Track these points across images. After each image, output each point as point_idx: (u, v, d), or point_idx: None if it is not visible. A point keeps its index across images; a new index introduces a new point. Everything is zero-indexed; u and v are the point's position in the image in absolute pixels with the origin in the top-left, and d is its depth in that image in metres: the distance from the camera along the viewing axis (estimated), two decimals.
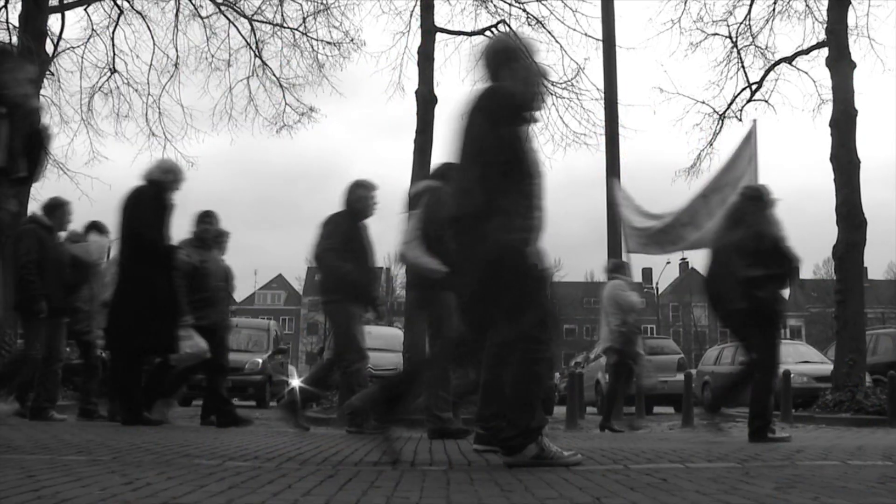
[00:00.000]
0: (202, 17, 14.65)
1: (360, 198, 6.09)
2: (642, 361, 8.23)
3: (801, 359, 14.65)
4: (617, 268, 8.22)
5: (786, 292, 5.50)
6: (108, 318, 6.17)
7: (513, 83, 3.48)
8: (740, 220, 5.31)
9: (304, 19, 14.49)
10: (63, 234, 6.88)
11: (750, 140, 8.85)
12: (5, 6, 13.21)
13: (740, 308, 5.07)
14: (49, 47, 12.93)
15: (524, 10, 13.82)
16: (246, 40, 14.84)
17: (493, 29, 13.92)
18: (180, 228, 6.41)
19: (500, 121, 3.37)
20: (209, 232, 6.61)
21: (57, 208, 6.61)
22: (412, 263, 5.30)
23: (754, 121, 9.10)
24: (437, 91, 12.35)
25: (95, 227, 7.26)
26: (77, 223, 7.25)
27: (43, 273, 6.16)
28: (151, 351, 6.13)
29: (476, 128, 3.43)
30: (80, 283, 6.89)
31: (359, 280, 5.89)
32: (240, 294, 72.40)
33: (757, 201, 5.39)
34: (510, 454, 3.24)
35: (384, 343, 14.23)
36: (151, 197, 5.87)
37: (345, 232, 5.93)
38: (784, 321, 5.48)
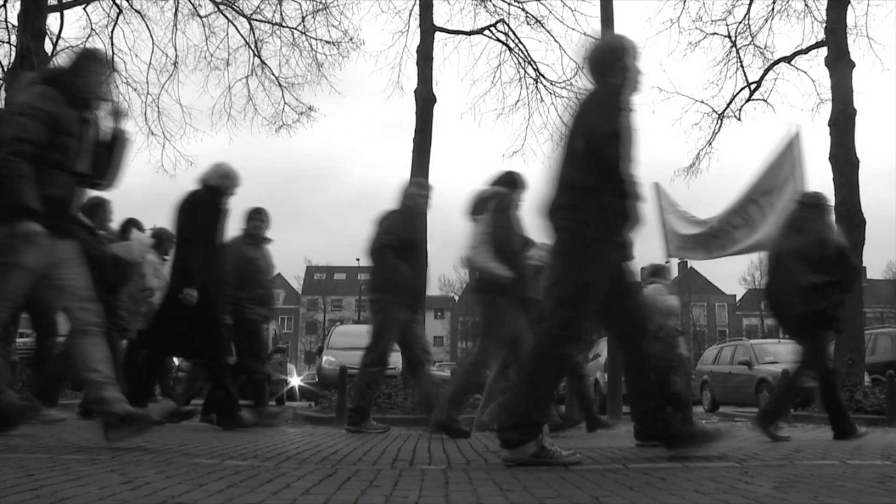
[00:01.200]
0: (201, 17, 14.66)
1: (413, 196, 6.14)
2: (685, 364, 8.22)
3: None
4: (656, 272, 8.24)
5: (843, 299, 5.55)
6: (155, 318, 6.15)
7: (619, 81, 3.60)
8: (801, 228, 5.39)
9: (303, 18, 14.51)
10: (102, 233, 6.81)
11: (793, 145, 8.84)
12: (4, 5, 13.21)
13: (802, 313, 5.16)
14: (48, 46, 12.91)
15: (523, 10, 13.85)
16: (245, 39, 14.85)
17: (492, 28, 13.95)
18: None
19: (607, 118, 3.45)
20: (260, 229, 6.57)
21: (98, 208, 6.51)
22: (479, 267, 5.33)
23: (798, 125, 9.09)
24: (436, 90, 12.36)
25: (134, 224, 7.21)
26: None
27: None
28: (187, 356, 6.00)
29: (583, 124, 3.52)
30: (122, 283, 6.80)
31: (410, 281, 5.93)
32: None
33: (816, 208, 5.49)
34: (508, 448, 3.27)
35: None
36: (207, 202, 5.78)
37: (400, 230, 5.97)
38: (842, 327, 5.58)
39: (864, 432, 5.38)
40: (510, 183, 5.64)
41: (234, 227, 6.47)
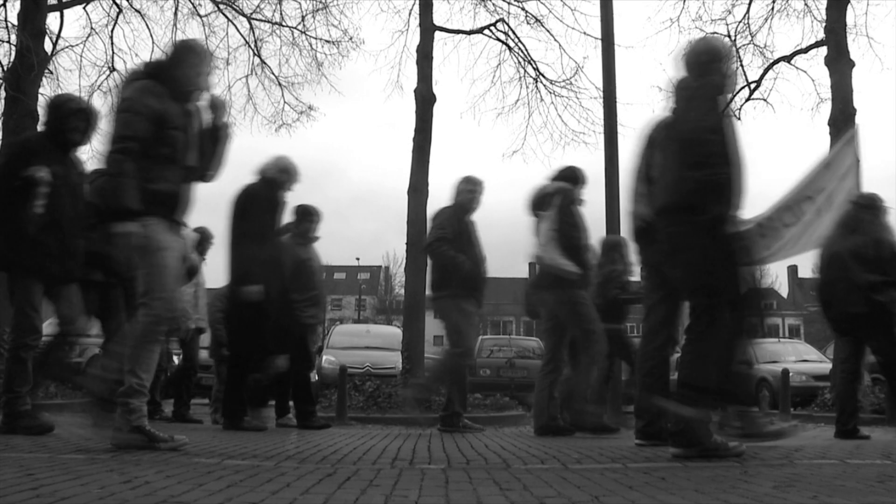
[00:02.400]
0: (201, 16, 14.64)
1: (465, 192, 6.18)
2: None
3: (799, 358, 14.66)
4: None
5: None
6: (225, 322, 6.13)
7: (717, 80, 3.70)
8: (856, 228, 5.46)
9: (303, 18, 14.49)
10: None
11: (851, 144, 8.84)
12: (4, 4, 13.18)
13: (859, 312, 5.22)
14: (48, 46, 12.89)
15: (523, 9, 13.83)
16: (245, 39, 14.83)
17: (492, 27, 13.94)
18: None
19: (708, 116, 3.56)
20: (312, 229, 6.50)
21: None
22: (548, 264, 5.32)
23: (856, 125, 9.07)
24: (435, 90, 12.36)
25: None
26: None
27: None
28: (257, 356, 5.90)
29: (687, 123, 3.61)
30: None
31: (471, 273, 5.93)
32: None
33: (872, 209, 5.54)
34: (680, 446, 3.43)
35: (383, 342, 14.25)
36: (264, 197, 5.70)
37: (455, 225, 6.00)
38: None
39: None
40: (572, 178, 5.67)
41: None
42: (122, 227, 3.49)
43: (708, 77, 3.68)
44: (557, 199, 5.40)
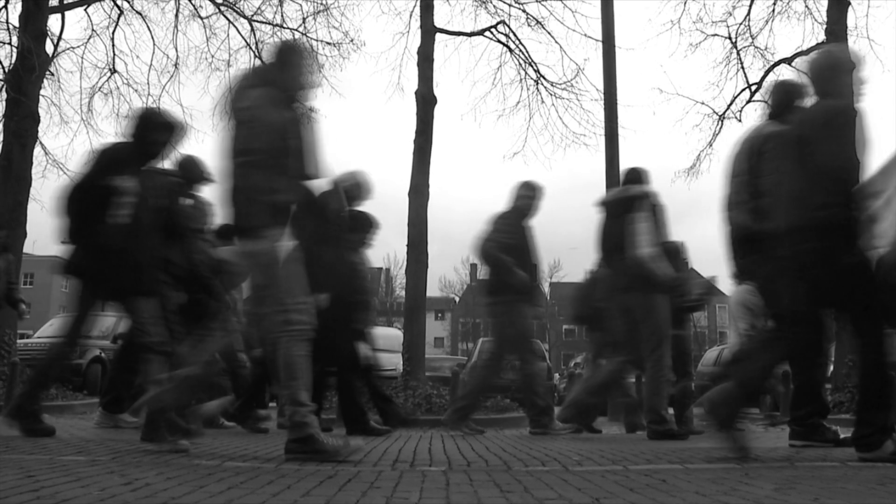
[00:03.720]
0: (202, 18, 14.65)
1: (525, 197, 6.21)
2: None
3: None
4: None
5: None
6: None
7: (839, 98, 3.66)
8: None
9: (304, 20, 14.50)
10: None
11: None
12: (5, 6, 13.21)
13: None
14: (49, 47, 12.91)
15: (524, 11, 13.84)
16: (246, 41, 14.84)
17: (493, 29, 13.95)
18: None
19: (831, 136, 3.51)
20: (369, 238, 6.49)
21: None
22: (650, 267, 5.29)
23: None
24: (436, 92, 12.36)
25: (229, 231, 7.09)
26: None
27: None
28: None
29: (810, 143, 3.56)
30: (229, 288, 6.68)
31: (527, 278, 5.97)
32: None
33: None
34: (867, 451, 3.43)
35: (384, 344, 14.23)
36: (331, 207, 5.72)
37: (514, 231, 6.04)
38: None
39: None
40: (647, 181, 5.66)
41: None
42: (252, 245, 3.45)
43: (833, 95, 3.63)
44: (647, 203, 5.41)
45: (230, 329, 5.74)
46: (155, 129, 4.46)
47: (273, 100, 3.51)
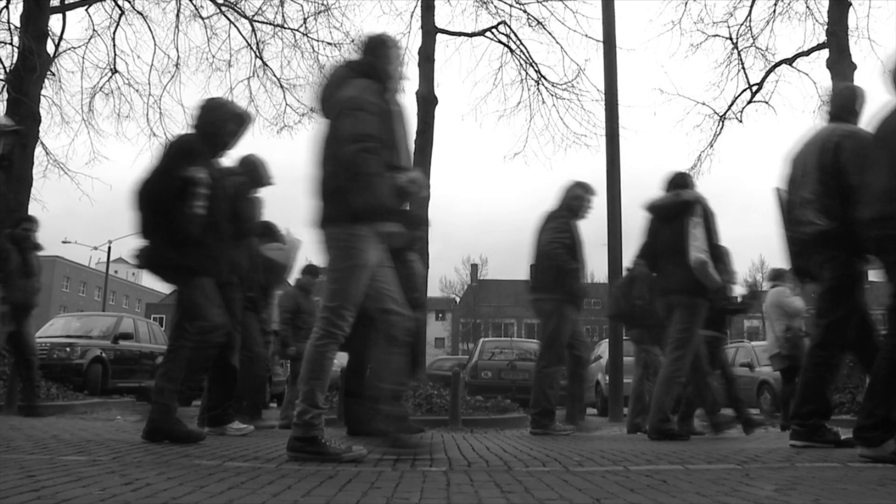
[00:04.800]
0: (203, 18, 14.68)
1: (578, 197, 6.24)
2: None
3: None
4: (778, 275, 8.34)
5: None
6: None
7: None
8: None
9: (305, 20, 14.53)
10: None
11: None
12: (7, 6, 13.23)
13: None
14: (50, 47, 12.94)
15: (525, 12, 13.86)
16: (247, 41, 14.87)
17: (494, 30, 13.97)
18: None
19: None
20: (422, 237, 6.49)
21: None
22: (705, 272, 5.30)
23: None
24: (437, 92, 12.37)
25: (271, 228, 7.09)
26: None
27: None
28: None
29: None
30: (273, 286, 6.63)
31: (580, 280, 6.03)
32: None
33: None
34: (867, 446, 3.42)
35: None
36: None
37: (572, 231, 6.11)
38: None
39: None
40: (692, 185, 5.70)
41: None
42: (384, 227, 3.41)
43: None
44: (699, 208, 5.43)
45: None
46: (224, 119, 4.40)
47: (374, 90, 3.51)
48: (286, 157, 5.86)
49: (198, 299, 4.20)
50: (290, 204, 5.94)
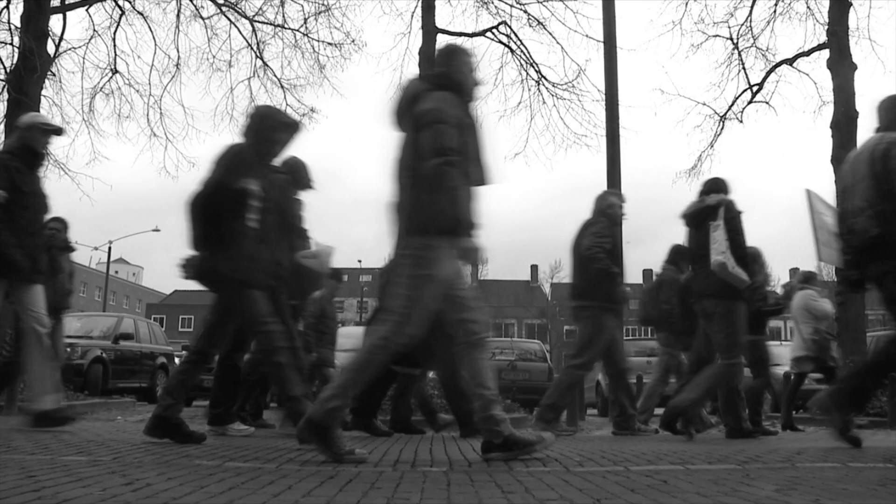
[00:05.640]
0: (203, 18, 14.69)
1: (613, 205, 6.38)
2: (839, 370, 8.35)
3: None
4: (807, 278, 8.40)
5: None
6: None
7: None
8: None
9: (306, 20, 14.53)
10: None
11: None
12: (7, 7, 13.24)
13: None
14: (50, 48, 12.94)
15: (525, 12, 13.86)
16: (247, 41, 14.88)
17: (495, 30, 13.97)
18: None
19: None
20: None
21: None
22: (729, 273, 5.36)
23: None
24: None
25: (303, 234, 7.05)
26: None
27: None
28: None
29: None
30: (308, 293, 6.55)
31: (619, 287, 6.11)
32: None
33: None
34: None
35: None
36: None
37: (613, 237, 6.19)
38: None
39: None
40: (727, 189, 5.76)
41: None
42: (467, 242, 3.40)
43: None
44: (723, 211, 5.51)
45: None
46: (275, 128, 4.37)
47: (453, 102, 3.51)
48: (286, 156, 5.86)
49: (254, 311, 4.18)
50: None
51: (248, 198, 4.12)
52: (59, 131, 5.25)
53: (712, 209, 5.54)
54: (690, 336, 6.60)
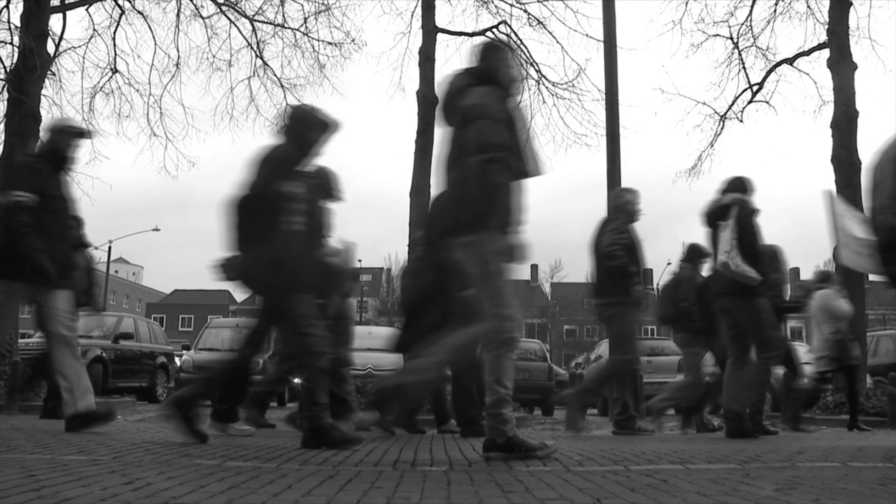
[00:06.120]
0: (203, 18, 14.67)
1: (630, 202, 6.45)
2: (860, 368, 8.37)
3: (802, 360, 14.65)
4: (825, 278, 8.43)
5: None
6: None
7: None
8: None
9: (306, 20, 14.52)
10: None
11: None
12: (7, 6, 13.22)
13: None
14: (50, 47, 12.92)
15: (525, 11, 13.86)
16: (247, 41, 14.87)
17: (495, 29, 13.95)
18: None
19: None
20: None
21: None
22: (734, 272, 5.43)
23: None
24: (438, 92, 12.34)
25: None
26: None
27: None
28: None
29: None
30: (333, 291, 6.45)
31: (639, 282, 6.18)
32: (240, 294, 72.48)
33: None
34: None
35: (384, 343, 14.23)
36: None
37: (631, 234, 6.26)
38: None
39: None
40: (743, 188, 5.82)
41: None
42: (509, 238, 3.43)
43: None
44: (735, 210, 5.57)
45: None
46: (315, 128, 4.35)
47: (497, 97, 3.53)
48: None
49: (298, 314, 4.15)
50: None
51: (293, 200, 4.10)
52: (86, 134, 5.24)
53: (726, 208, 5.60)
54: (709, 334, 6.66)
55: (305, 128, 4.34)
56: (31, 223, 4.63)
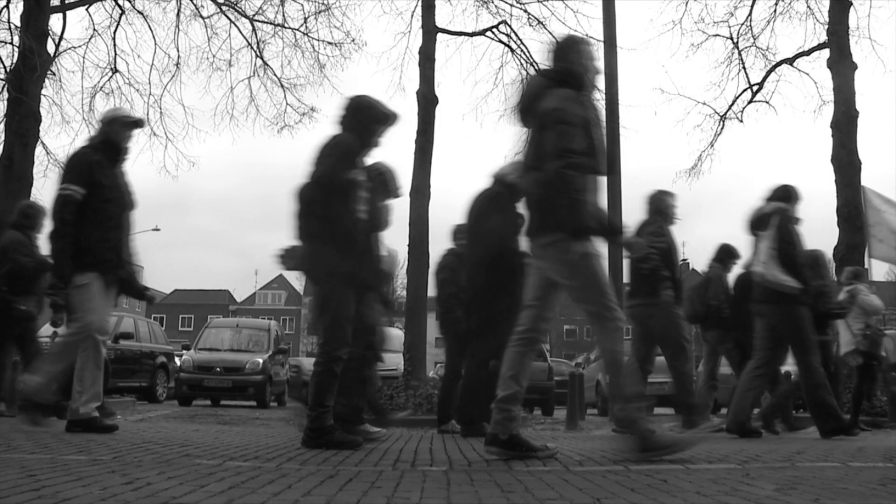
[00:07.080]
0: (203, 18, 14.68)
1: (671, 206, 6.51)
2: (887, 364, 8.39)
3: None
4: (856, 275, 8.47)
5: None
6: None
7: None
8: None
9: (306, 19, 14.54)
10: None
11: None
12: (7, 6, 13.23)
13: None
14: (51, 47, 12.94)
15: (525, 11, 13.86)
16: (247, 40, 14.88)
17: (495, 29, 13.97)
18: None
19: None
20: None
21: None
22: (771, 281, 5.51)
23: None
24: (437, 91, 12.36)
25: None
26: None
27: None
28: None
29: None
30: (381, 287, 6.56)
31: (672, 285, 6.22)
32: (240, 294, 72.24)
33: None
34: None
35: (385, 344, 14.22)
36: (505, 198, 5.76)
37: (667, 237, 6.34)
38: None
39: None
40: (788, 197, 5.85)
41: None
42: (580, 246, 3.43)
43: None
44: (776, 219, 5.62)
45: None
46: (377, 119, 4.32)
47: (577, 100, 3.51)
48: (287, 156, 5.86)
49: (339, 311, 4.09)
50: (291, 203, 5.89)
51: (358, 189, 4.08)
52: (140, 123, 5.21)
53: (767, 217, 5.67)
54: (742, 331, 6.69)
55: (368, 118, 4.31)
56: (74, 220, 4.59)
